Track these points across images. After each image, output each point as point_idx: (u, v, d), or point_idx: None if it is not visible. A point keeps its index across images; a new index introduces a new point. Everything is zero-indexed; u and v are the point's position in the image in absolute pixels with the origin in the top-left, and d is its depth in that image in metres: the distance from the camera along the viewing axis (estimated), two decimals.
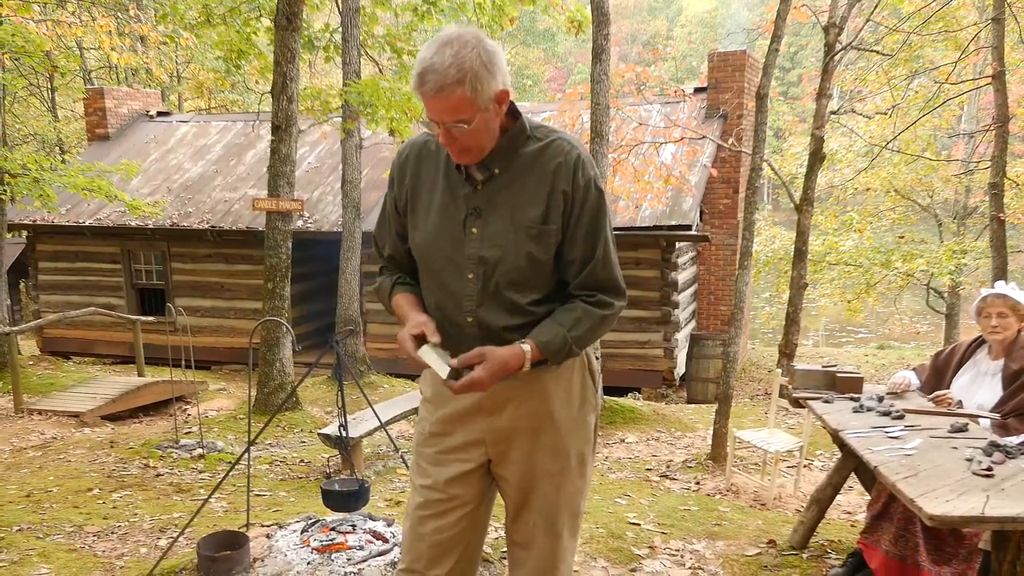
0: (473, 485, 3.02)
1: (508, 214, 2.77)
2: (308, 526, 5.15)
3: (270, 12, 12.03)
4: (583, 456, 3.01)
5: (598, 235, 2.78)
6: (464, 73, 2.53)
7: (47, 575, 4.97)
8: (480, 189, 2.80)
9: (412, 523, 3.04)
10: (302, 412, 11.24)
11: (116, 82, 29.12)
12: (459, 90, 2.54)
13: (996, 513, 3.30)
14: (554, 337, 2.75)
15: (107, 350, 18.45)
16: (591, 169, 2.77)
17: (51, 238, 18.72)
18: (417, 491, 3.06)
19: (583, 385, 2.99)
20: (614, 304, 2.85)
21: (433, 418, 3.04)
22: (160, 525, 6.26)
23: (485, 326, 2.83)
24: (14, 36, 11.99)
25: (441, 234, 2.84)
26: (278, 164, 10.67)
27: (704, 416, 11.68)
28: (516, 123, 2.79)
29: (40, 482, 7.64)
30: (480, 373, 2.68)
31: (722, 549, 5.65)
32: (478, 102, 2.58)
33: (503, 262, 2.77)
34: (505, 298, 2.81)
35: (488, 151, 2.74)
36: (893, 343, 25.99)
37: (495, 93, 2.62)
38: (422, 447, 3.08)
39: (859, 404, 5.07)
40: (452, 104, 2.56)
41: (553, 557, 3.03)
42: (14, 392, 11.18)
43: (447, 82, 2.53)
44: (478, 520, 3.08)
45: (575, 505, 3.04)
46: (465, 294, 2.83)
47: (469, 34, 2.58)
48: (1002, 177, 10.23)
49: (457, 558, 3.03)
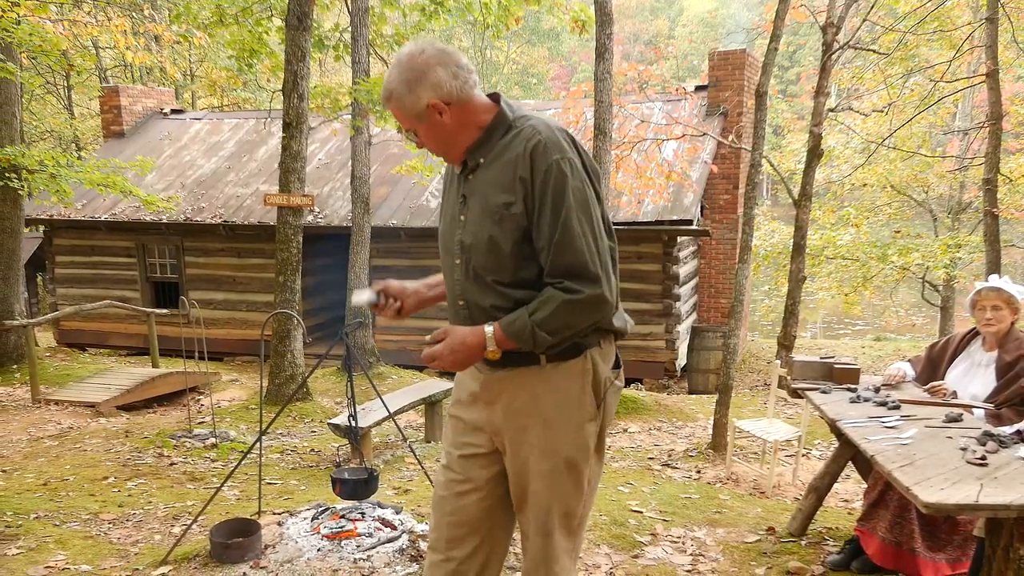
0: (484, 469, 3.05)
1: (482, 201, 2.84)
2: (318, 514, 5.16)
3: (281, 12, 12.02)
4: (574, 463, 2.94)
5: (558, 219, 2.70)
6: (389, 93, 2.81)
7: (63, 561, 4.98)
8: (468, 179, 2.91)
9: (434, 502, 3.14)
10: (312, 402, 11.26)
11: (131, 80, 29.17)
12: (390, 107, 2.84)
13: (990, 501, 3.29)
14: (516, 319, 2.75)
15: (122, 342, 18.48)
16: (554, 153, 2.71)
17: (68, 232, 18.73)
18: (440, 471, 3.17)
19: (581, 393, 2.91)
20: (581, 291, 2.71)
21: (456, 398, 3.15)
22: (174, 513, 6.27)
23: (473, 307, 2.92)
24: (32, 36, 11.98)
25: (446, 223, 3.00)
26: (289, 160, 10.68)
27: (705, 406, 11.67)
28: (495, 116, 2.87)
29: (57, 471, 7.65)
30: (438, 347, 2.83)
31: (722, 536, 5.65)
32: (411, 115, 2.82)
33: (474, 247, 2.85)
34: (483, 281, 2.87)
35: (462, 149, 2.89)
36: (889, 335, 25.93)
37: (425, 106, 2.78)
38: (446, 426, 3.20)
39: (856, 395, 5.06)
40: (397, 116, 2.85)
41: (544, 554, 3.02)
42: (31, 383, 11.20)
43: (384, 98, 2.84)
44: (497, 507, 3.09)
45: (568, 506, 2.99)
46: (455, 278, 2.96)
47: (405, 54, 2.81)
48: (995, 173, 10.19)
49: (477, 544, 3.06)
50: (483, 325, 2.81)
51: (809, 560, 5.14)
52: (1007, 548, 3.54)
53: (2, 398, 11.26)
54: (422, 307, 3.24)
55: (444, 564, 3.06)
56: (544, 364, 2.88)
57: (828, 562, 5.05)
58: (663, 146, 15.20)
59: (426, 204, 16.09)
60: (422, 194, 16.36)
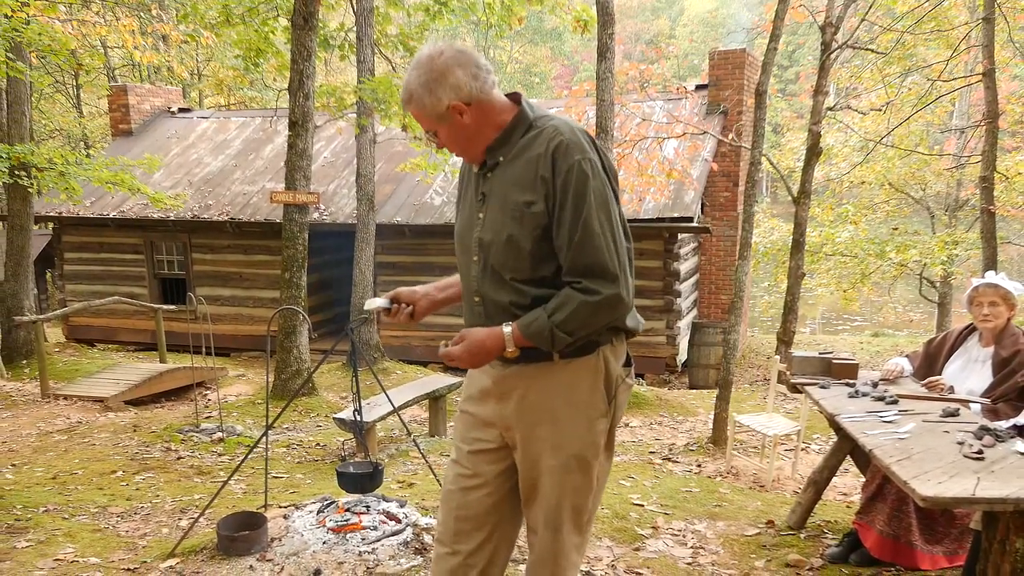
0: (493, 464, 3.04)
1: (501, 199, 2.83)
2: (324, 507, 5.16)
3: (287, 12, 12.02)
4: (584, 459, 2.94)
5: (579, 219, 2.70)
6: (409, 95, 2.81)
7: (73, 554, 4.98)
8: (488, 177, 2.90)
9: (443, 496, 3.14)
10: (318, 397, 11.27)
11: (139, 79, 29.13)
12: (410, 109, 2.84)
13: (986, 494, 3.29)
14: (535, 320, 2.74)
15: (130, 337, 18.49)
16: (576, 153, 2.70)
17: (76, 230, 18.74)
18: (449, 466, 3.16)
19: (593, 390, 2.91)
20: (600, 291, 2.70)
21: (467, 393, 3.14)
22: (181, 506, 6.28)
23: (490, 303, 2.91)
24: (41, 35, 12.01)
25: (463, 221, 3.00)
26: (295, 158, 10.68)
27: (705, 401, 11.67)
28: (515, 115, 2.86)
29: (66, 465, 7.67)
30: (456, 349, 2.84)
31: (722, 529, 5.65)
32: (432, 117, 2.81)
33: (493, 244, 2.84)
34: (501, 278, 2.86)
35: (482, 148, 2.88)
36: (887, 331, 25.91)
37: (446, 107, 2.78)
38: (457, 421, 3.20)
39: (854, 389, 5.06)
40: (417, 118, 2.85)
41: (553, 549, 3.02)
42: (41, 378, 11.21)
43: (404, 101, 2.85)
44: (504, 502, 3.09)
45: (577, 502, 2.99)
46: (472, 275, 2.94)
47: (424, 56, 2.79)
48: (992, 171, 10.19)
49: (484, 538, 3.06)
50: (501, 327, 2.79)
51: (808, 553, 5.15)
52: (1003, 541, 3.54)
53: (12, 393, 11.27)
54: (434, 310, 3.24)
55: (451, 557, 3.06)
56: (557, 360, 2.87)
57: (827, 555, 5.06)
58: (664, 144, 15.19)
59: (430, 201, 16.08)
60: (426, 191, 16.35)
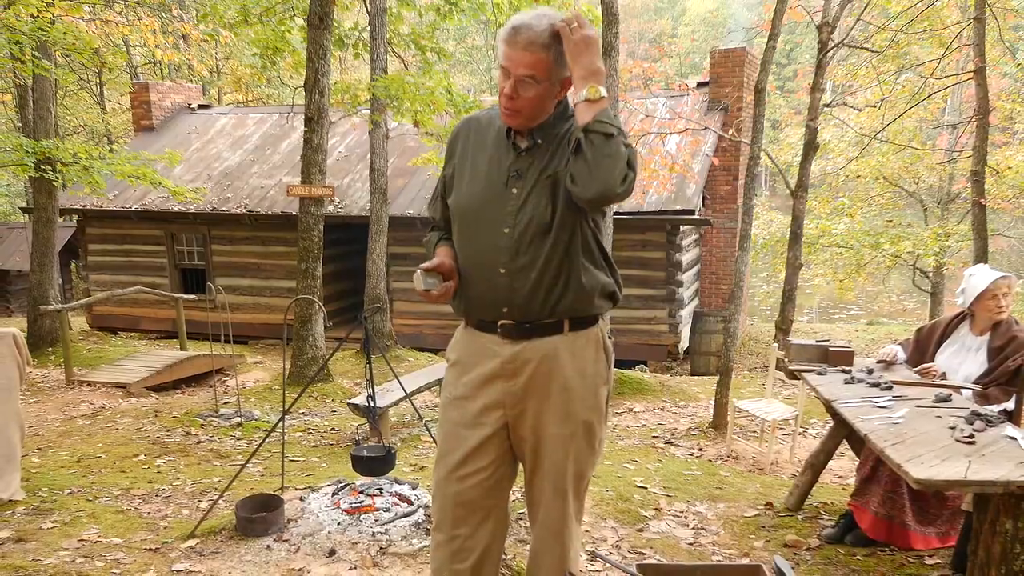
0: (491, 451, 3.02)
1: (539, 175, 2.86)
2: (338, 489, 5.17)
3: (303, 12, 11.99)
4: (591, 426, 3.00)
5: None
6: (553, 42, 2.73)
7: (96, 535, 4.99)
8: (523, 155, 2.90)
9: (438, 484, 3.09)
10: (333, 383, 11.27)
11: (160, 77, 29.14)
12: (543, 53, 2.74)
13: (977, 477, 3.29)
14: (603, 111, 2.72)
15: (152, 326, 18.50)
16: None
17: (100, 222, 18.76)
18: (441, 456, 3.10)
19: (596, 359, 2.99)
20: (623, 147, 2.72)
21: (459, 382, 3.08)
22: (201, 488, 6.29)
23: (517, 272, 2.88)
24: (66, 34, 12.02)
25: (483, 195, 2.95)
26: (310, 153, 10.67)
27: (706, 387, 11.65)
28: (560, 105, 2.93)
29: (89, 448, 7.68)
30: (587, 30, 2.73)
31: (723, 511, 5.65)
32: (552, 71, 2.78)
33: (535, 219, 2.85)
34: (533, 250, 2.86)
35: (536, 122, 2.89)
36: (882, 319, 25.85)
37: (564, 78, 2.82)
38: (448, 410, 3.11)
39: (850, 376, 5.07)
40: (533, 61, 2.74)
41: (562, 514, 3.04)
42: (65, 365, 11.24)
43: (538, 41, 2.73)
44: (499, 486, 3.08)
45: (581, 469, 3.03)
46: (501, 247, 2.89)
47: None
48: (983, 165, 10.16)
49: (482, 519, 3.04)
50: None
51: (805, 533, 5.14)
52: (994, 522, 3.53)
53: (38, 379, 11.29)
54: None
55: (449, 543, 3.04)
56: (567, 332, 2.93)
57: (823, 535, 5.06)
58: (666, 140, 15.17)
59: None
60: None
